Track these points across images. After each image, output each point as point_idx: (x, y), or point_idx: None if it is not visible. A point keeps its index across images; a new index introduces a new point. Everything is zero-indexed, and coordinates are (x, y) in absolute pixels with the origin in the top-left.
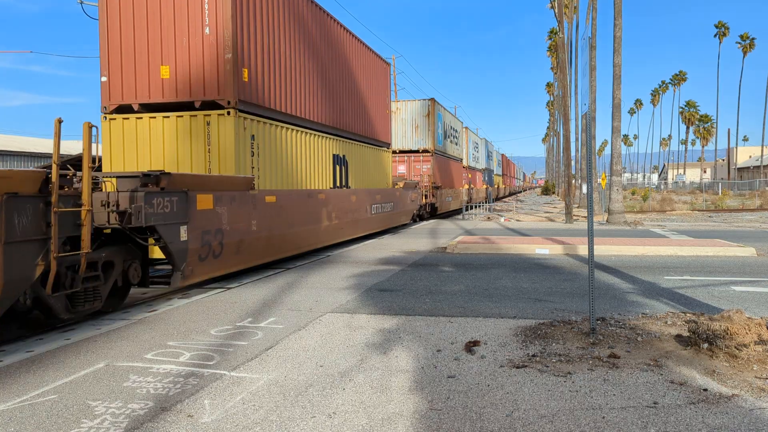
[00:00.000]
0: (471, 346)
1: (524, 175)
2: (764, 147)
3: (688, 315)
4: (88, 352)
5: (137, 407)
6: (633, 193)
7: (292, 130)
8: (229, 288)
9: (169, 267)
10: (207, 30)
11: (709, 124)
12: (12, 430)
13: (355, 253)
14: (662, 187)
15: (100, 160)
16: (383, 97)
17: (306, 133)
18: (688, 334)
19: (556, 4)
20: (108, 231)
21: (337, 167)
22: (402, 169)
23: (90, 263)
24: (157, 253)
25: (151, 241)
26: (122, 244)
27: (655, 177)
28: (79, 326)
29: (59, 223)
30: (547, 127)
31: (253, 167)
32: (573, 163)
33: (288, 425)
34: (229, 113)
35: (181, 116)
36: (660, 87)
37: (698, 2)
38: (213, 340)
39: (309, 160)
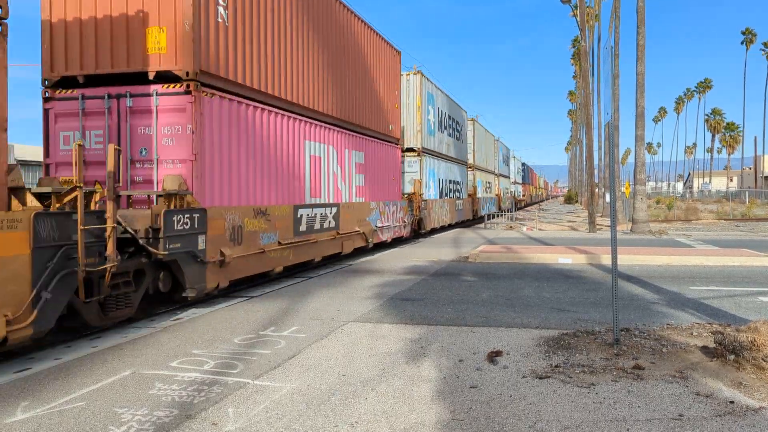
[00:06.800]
0: (493, 356)
1: (546, 183)
2: None
3: (714, 326)
4: (114, 359)
5: (162, 415)
6: (657, 202)
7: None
8: (251, 297)
9: None
10: None
11: (735, 132)
12: None
13: (377, 262)
14: (687, 195)
15: None
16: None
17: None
18: (714, 345)
19: (579, 13)
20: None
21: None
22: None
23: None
24: None
25: None
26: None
27: (679, 185)
28: (106, 334)
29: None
30: (570, 136)
31: None
32: (596, 171)
33: None
34: None
35: None
36: (685, 95)
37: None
38: (236, 348)
39: None
